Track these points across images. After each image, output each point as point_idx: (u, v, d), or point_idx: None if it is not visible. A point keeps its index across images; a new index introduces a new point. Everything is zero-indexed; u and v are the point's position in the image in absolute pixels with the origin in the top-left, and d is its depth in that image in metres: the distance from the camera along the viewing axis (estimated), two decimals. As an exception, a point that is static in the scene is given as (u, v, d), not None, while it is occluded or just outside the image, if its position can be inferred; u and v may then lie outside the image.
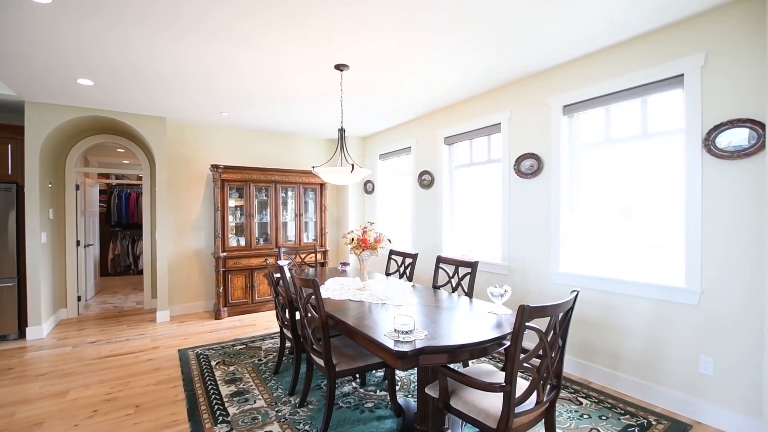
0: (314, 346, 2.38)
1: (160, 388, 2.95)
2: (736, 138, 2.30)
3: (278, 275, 2.95)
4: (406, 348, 1.72)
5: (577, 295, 1.80)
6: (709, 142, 2.40)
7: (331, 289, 2.97)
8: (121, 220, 8.29)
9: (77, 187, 5.07)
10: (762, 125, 2.19)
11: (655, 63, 2.66)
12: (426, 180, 4.77)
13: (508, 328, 2.03)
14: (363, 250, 2.93)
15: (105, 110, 4.38)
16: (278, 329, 4.41)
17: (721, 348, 2.36)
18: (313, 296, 2.24)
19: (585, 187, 3.20)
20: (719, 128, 2.36)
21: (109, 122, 4.71)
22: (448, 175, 4.56)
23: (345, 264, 4.04)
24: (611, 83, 2.91)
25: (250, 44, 2.77)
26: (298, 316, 3.68)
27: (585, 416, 2.50)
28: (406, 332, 1.87)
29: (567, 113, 3.23)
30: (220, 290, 4.86)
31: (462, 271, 4.00)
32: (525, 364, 1.62)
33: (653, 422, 2.43)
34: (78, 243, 5.06)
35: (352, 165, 2.93)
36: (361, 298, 2.71)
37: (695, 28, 2.47)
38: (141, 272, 8.14)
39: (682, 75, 2.55)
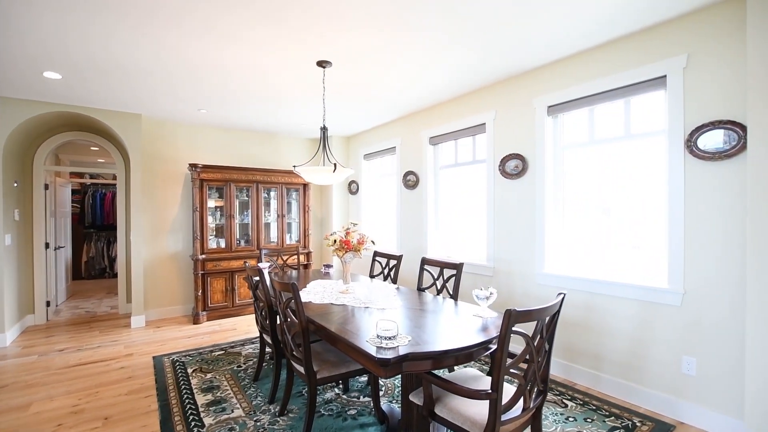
0: (294, 353, 2.28)
1: (132, 399, 2.80)
2: (718, 139, 2.31)
3: (257, 278, 2.84)
4: (389, 355, 1.65)
5: (563, 298, 1.76)
6: (691, 144, 2.41)
7: (312, 293, 2.88)
8: (96, 221, 7.98)
9: (46, 187, 4.83)
10: (743, 127, 2.21)
11: (639, 64, 2.66)
12: (411, 180, 4.72)
13: (494, 332, 1.98)
14: (346, 252, 2.84)
15: (75, 106, 4.17)
16: (259, 334, 4.28)
17: (704, 348, 2.37)
18: (293, 301, 2.14)
19: (569, 188, 3.19)
20: (701, 129, 2.37)
21: (81, 119, 4.50)
22: (432, 176, 4.51)
23: (328, 266, 3.94)
24: (595, 84, 2.90)
25: (234, 39, 2.66)
26: (279, 320, 3.56)
27: (571, 419, 2.48)
28: (389, 338, 1.80)
29: (551, 114, 3.22)
30: (199, 294, 4.69)
31: (447, 272, 3.95)
32: (511, 370, 1.57)
33: (638, 424, 2.42)
34: (47, 245, 4.81)
35: (335, 164, 2.85)
36: (343, 301, 2.63)
37: (678, 29, 2.47)
38: (117, 275, 7.84)
39: (665, 76, 2.55)
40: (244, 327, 4.53)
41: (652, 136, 2.69)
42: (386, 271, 3.67)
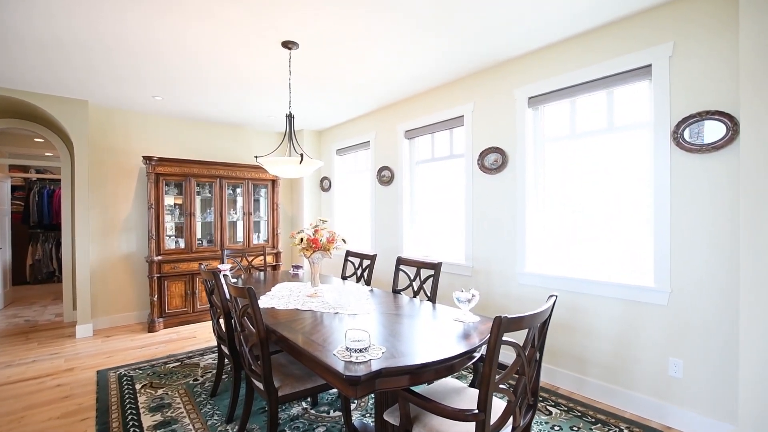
0: (252, 367, 2.00)
1: (65, 423, 2.43)
2: (706, 131, 2.20)
3: (213, 282, 2.53)
4: (359, 371, 1.41)
5: (555, 301, 1.57)
6: (677, 135, 2.30)
7: (277, 297, 2.60)
8: (43, 220, 7.29)
9: (-25, 181, 4.28)
10: (731, 117, 2.11)
11: (623, 52, 2.54)
12: (386, 176, 4.49)
13: (476, 339, 1.78)
14: (314, 251, 2.58)
15: (6, 89, 3.68)
16: (217, 344, 3.93)
17: (691, 349, 2.26)
18: (250, 308, 1.86)
19: (551, 183, 3.05)
20: (688, 120, 2.26)
21: (15, 104, 4.00)
22: (408, 171, 4.30)
23: (297, 267, 3.65)
24: (577, 74, 2.77)
25: (197, 16, 2.37)
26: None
27: (556, 428, 2.32)
28: (360, 350, 1.56)
29: (532, 105, 3.07)
30: (155, 299, 4.28)
31: (424, 273, 3.74)
32: (500, 385, 1.36)
33: (625, 431, 2.28)
34: (-23, 247, 4.27)
35: (302, 155, 2.58)
36: (311, 306, 2.36)
37: (664, 16, 2.36)
38: (67, 279, 7.19)
39: (650, 65, 2.44)
40: (205, 334, 4.17)
41: (637, 129, 2.58)
42: (359, 272, 3.42)
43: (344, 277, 3.50)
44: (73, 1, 2.22)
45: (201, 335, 4.14)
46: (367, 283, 3.24)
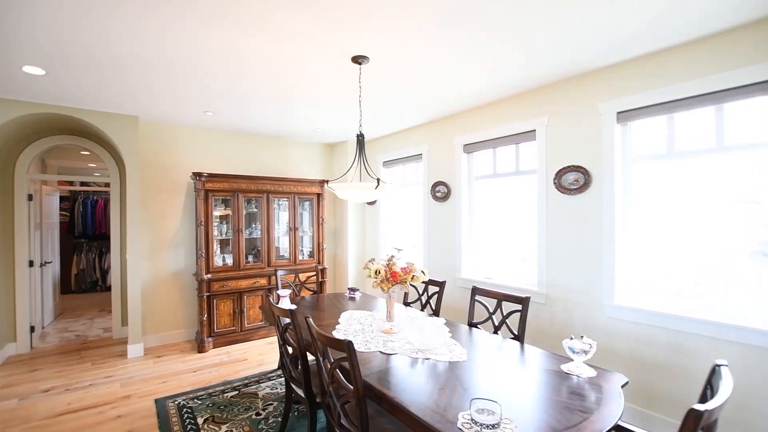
0: (342, 421, 1.82)
1: (133, 464, 2.31)
2: None
3: (287, 320, 2.36)
4: (502, 459, 1.19)
5: (724, 368, 1.31)
6: (819, 160, 1.99)
7: (350, 333, 2.41)
8: (87, 230, 7.40)
9: (30, 197, 4.29)
10: None
11: (734, 66, 2.24)
12: (441, 192, 4.26)
13: (591, 397, 1.54)
14: (393, 284, 2.38)
15: (62, 107, 3.65)
16: (275, 366, 3.79)
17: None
18: (347, 362, 1.67)
19: (643, 207, 2.76)
20: (834, 143, 1.95)
21: (70, 121, 3.98)
22: (467, 187, 4.06)
23: (354, 290, 3.48)
24: (677, 88, 2.48)
25: (252, 28, 2.20)
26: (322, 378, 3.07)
27: (673, 493, 2.04)
28: (491, 426, 1.34)
29: (621, 121, 2.79)
30: (204, 318, 4.19)
31: (506, 305, 3.39)
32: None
33: (756, 500, 1.99)
34: (31, 263, 4.28)
35: (378, 180, 2.38)
36: (393, 348, 2.16)
37: (799, 22, 2.05)
38: (110, 288, 7.28)
39: (778, 78, 2.13)
40: (256, 356, 4.04)
41: (753, 150, 2.27)
42: (424, 299, 3.21)
43: (407, 303, 3.30)
44: (138, 19, 2.10)
45: (252, 357, 4.01)
46: (436, 312, 3.03)
